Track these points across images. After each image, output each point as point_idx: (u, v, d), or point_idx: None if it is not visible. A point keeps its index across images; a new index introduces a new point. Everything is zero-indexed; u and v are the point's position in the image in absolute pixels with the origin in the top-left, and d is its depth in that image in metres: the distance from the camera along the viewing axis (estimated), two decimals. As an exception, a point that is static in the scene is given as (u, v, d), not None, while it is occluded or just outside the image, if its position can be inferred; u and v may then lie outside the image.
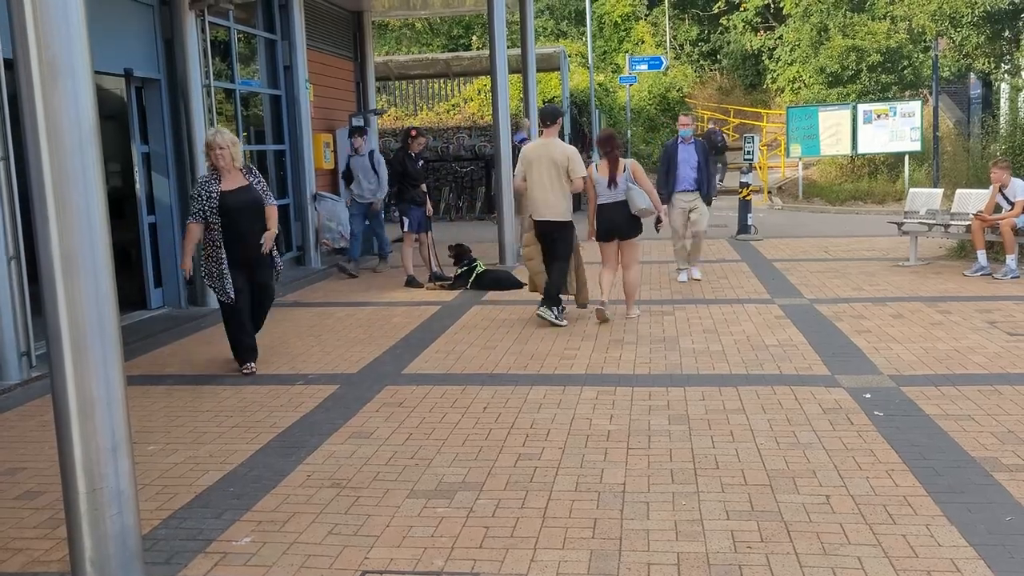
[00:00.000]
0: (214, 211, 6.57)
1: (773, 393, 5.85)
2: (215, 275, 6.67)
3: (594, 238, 8.47)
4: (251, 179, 6.77)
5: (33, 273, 3.47)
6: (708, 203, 10.56)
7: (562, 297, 8.29)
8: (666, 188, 10.34)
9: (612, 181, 8.12)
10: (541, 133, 8.32)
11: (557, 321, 8.11)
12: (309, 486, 4.51)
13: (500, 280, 10.40)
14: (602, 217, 8.29)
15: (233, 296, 6.64)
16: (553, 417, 5.49)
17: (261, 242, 6.70)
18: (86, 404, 3.24)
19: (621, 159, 8.20)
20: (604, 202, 8.23)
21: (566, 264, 8.30)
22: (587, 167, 8.31)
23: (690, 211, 10.47)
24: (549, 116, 8.29)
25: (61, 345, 3.22)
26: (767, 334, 7.57)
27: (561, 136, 8.88)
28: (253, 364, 6.89)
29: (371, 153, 11.96)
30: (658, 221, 8.50)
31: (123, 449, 3.34)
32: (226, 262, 6.61)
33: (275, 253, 6.92)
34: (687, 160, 10.34)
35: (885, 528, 3.80)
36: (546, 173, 8.06)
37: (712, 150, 16.96)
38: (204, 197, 6.57)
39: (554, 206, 8.12)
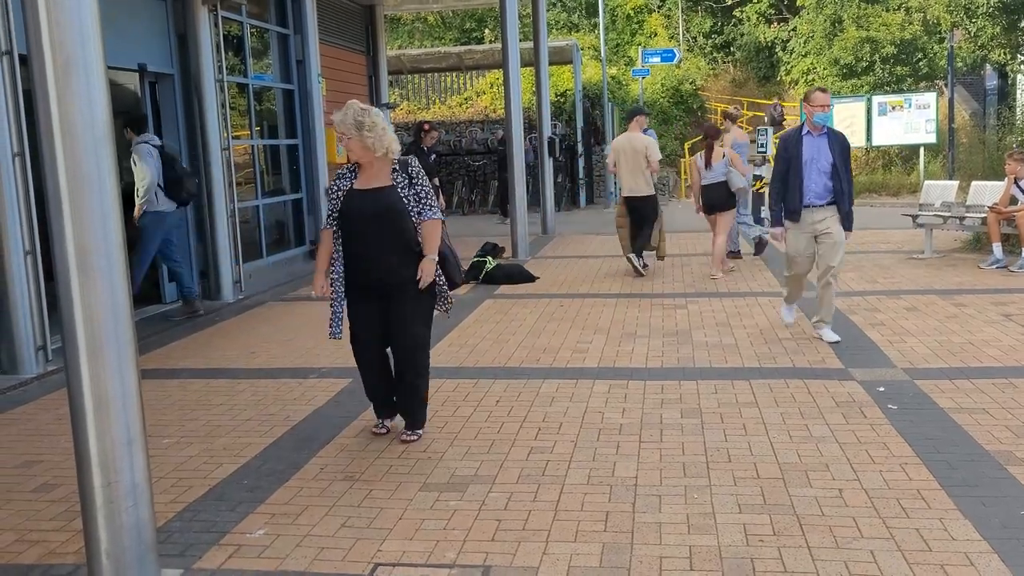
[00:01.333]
0: (334, 216, 4.98)
1: (786, 386, 5.84)
2: (335, 300, 5.06)
3: (701, 212, 10.55)
4: (398, 179, 4.91)
5: (49, 268, 3.50)
6: (848, 226, 6.91)
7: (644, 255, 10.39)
8: (786, 201, 6.92)
9: (708, 164, 10.12)
10: (626, 129, 10.69)
11: (639, 268, 10.16)
12: (322, 479, 4.53)
13: (512, 274, 10.40)
14: (704, 195, 10.29)
15: (337, 332, 5.03)
16: (565, 410, 5.50)
17: (398, 266, 4.89)
18: (101, 399, 3.27)
19: (717, 148, 10.15)
20: (705, 183, 10.23)
21: (651, 227, 10.36)
22: (609, 156, 10.47)
23: (820, 235, 6.93)
24: (630, 115, 10.98)
25: (76, 340, 3.24)
26: (780, 327, 7.54)
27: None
28: (387, 423, 5.23)
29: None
30: (759, 245, 10.09)
31: (138, 443, 3.37)
32: (344, 285, 5.02)
33: (441, 282, 5.10)
34: (817, 160, 6.83)
35: (898, 522, 3.79)
36: (631, 159, 10.19)
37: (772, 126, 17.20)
38: (332, 196, 4.96)
39: (638, 185, 10.25)
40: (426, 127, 10.87)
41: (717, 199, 10.18)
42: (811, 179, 6.81)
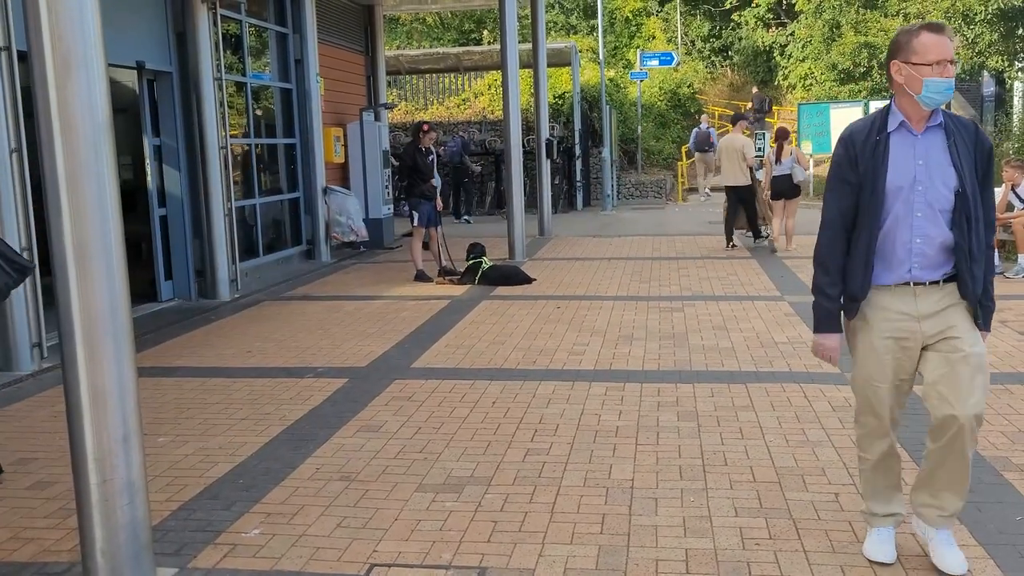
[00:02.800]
0: None
1: (782, 390, 5.84)
2: None
3: (770, 199, 12.61)
4: None
5: (45, 264, 3.49)
6: (987, 323, 3.46)
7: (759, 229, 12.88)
8: (848, 278, 3.44)
9: (778, 160, 12.27)
10: (729, 130, 13.47)
11: (760, 242, 12.74)
12: (318, 479, 4.52)
13: (509, 276, 10.40)
14: (774, 184, 12.41)
15: None
16: (562, 412, 5.49)
17: None
18: (98, 396, 3.26)
19: (786, 146, 12.23)
20: (775, 175, 12.33)
21: (753, 208, 12.93)
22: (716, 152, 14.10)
23: (931, 345, 3.38)
24: (733, 120, 13.80)
25: (73, 337, 3.24)
26: (777, 331, 7.55)
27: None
28: None
29: None
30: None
31: (134, 441, 3.36)
32: None
33: None
34: (923, 184, 3.24)
35: (894, 526, 3.79)
36: (732, 155, 12.66)
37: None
38: None
39: (736, 176, 12.73)
40: (425, 127, 10.84)
41: (783, 188, 12.41)
42: (908, 226, 3.28)
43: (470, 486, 4.37)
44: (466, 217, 18.71)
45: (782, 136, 12.43)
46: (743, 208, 12.97)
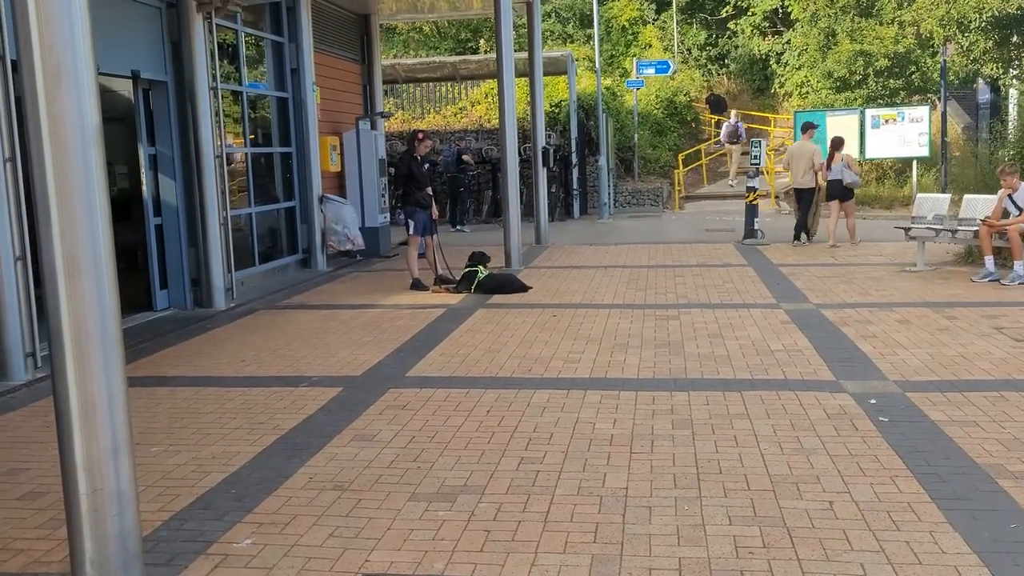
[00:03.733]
0: None
1: (777, 398, 5.83)
2: None
3: (825, 199, 14.03)
4: None
5: (39, 274, 3.47)
6: None
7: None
8: None
9: (829, 166, 13.67)
10: (802, 136, 14.65)
11: (797, 244, 14.07)
12: (311, 488, 4.50)
13: (505, 284, 10.39)
14: (828, 188, 13.78)
15: None
16: (556, 421, 5.48)
17: None
18: (87, 405, 3.25)
19: (837, 153, 13.62)
20: (829, 179, 13.72)
21: (808, 208, 14.26)
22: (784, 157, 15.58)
23: None
24: (804, 127, 14.64)
25: (63, 346, 3.22)
26: (772, 339, 7.54)
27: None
28: None
29: None
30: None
31: (124, 450, 3.34)
32: None
33: None
34: None
35: (889, 534, 3.78)
36: (802, 160, 14.09)
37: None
38: None
39: (805, 180, 14.09)
40: (420, 136, 10.85)
41: (835, 190, 13.75)
42: None
43: (463, 495, 4.35)
44: (460, 227, 18.71)
45: (836, 145, 13.77)
46: (802, 207, 14.41)
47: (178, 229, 9.80)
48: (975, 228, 10.45)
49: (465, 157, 19.38)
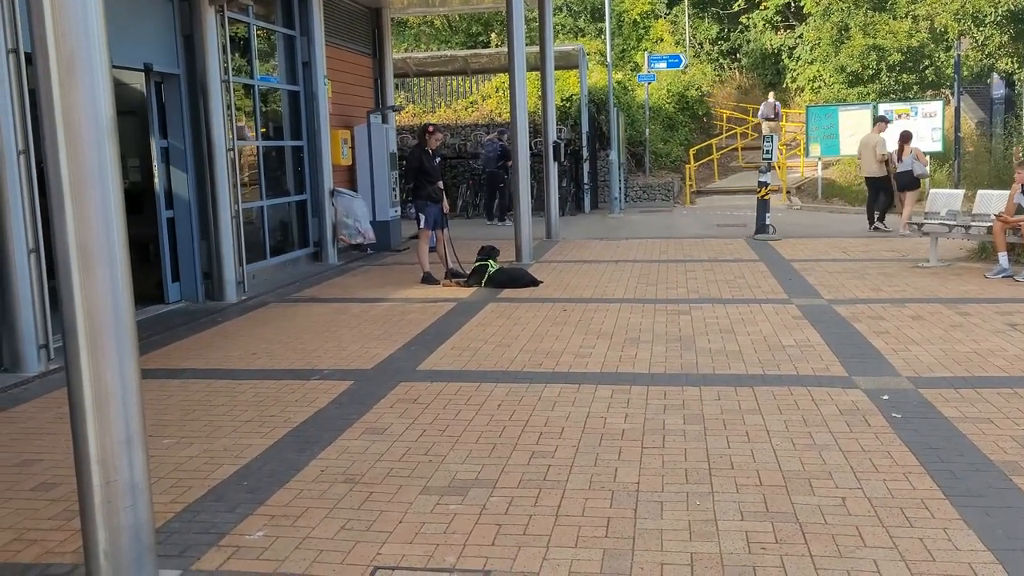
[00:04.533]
0: None
1: (789, 394, 5.81)
2: None
3: (897, 189, 14.95)
4: None
5: (52, 267, 3.48)
6: None
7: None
8: None
9: (900, 158, 14.49)
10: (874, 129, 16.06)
11: (878, 226, 15.12)
12: (322, 481, 4.51)
13: (515, 278, 10.38)
14: (898, 179, 14.64)
15: None
16: (567, 415, 5.47)
17: None
18: (101, 397, 3.25)
19: (907, 147, 14.41)
20: (899, 171, 14.53)
21: (887, 197, 15.35)
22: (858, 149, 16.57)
23: None
24: (875, 121, 16.67)
25: (77, 338, 3.23)
26: (784, 334, 7.51)
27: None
28: None
29: None
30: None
31: (137, 442, 3.35)
32: None
33: None
34: None
35: (902, 531, 3.76)
36: (868, 152, 15.42)
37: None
38: None
39: (873, 169, 15.34)
40: (431, 129, 10.84)
41: (905, 181, 14.50)
42: None
43: (475, 489, 4.35)
44: (501, 222, 18.41)
45: (905, 139, 14.68)
46: (881, 195, 15.52)
47: (190, 222, 9.82)
48: (989, 224, 10.38)
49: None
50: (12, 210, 6.72)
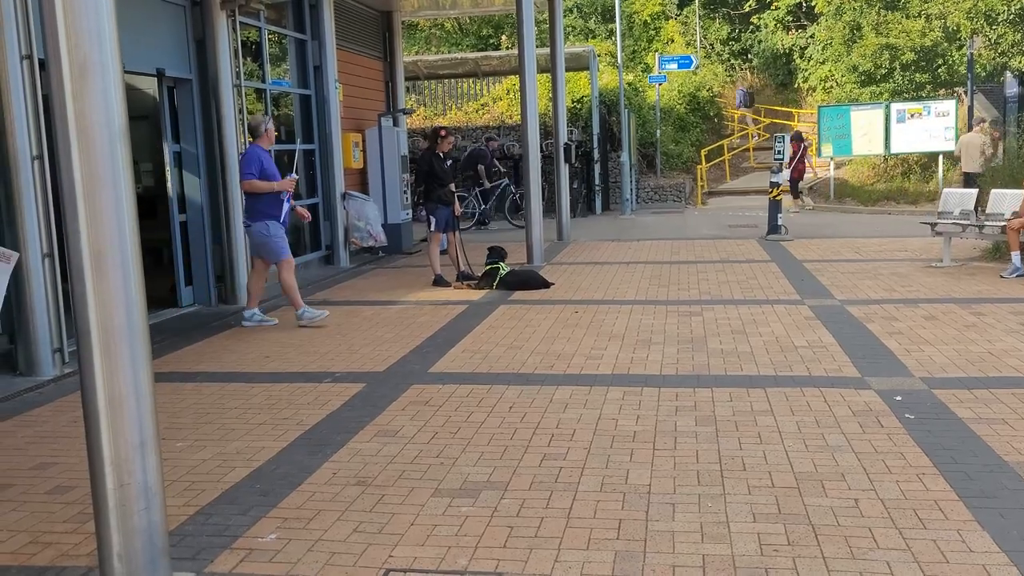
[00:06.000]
0: None
1: (802, 395, 5.79)
2: None
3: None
4: None
5: (66, 271, 3.51)
6: None
7: None
8: None
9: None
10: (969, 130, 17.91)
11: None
12: (335, 484, 4.52)
13: (527, 280, 10.38)
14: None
15: None
16: (579, 417, 5.47)
17: None
18: (114, 400, 3.27)
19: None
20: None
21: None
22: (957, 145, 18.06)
23: None
24: (975, 123, 17.89)
25: (90, 342, 3.25)
26: (796, 335, 7.49)
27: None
28: None
29: None
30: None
31: (151, 445, 3.37)
32: None
33: None
34: None
35: (915, 533, 3.75)
36: (970, 149, 17.01)
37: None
38: None
39: (973, 164, 16.87)
40: (443, 133, 10.86)
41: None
42: None
43: (486, 491, 4.35)
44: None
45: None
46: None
47: (203, 226, 9.87)
48: (1002, 223, 10.32)
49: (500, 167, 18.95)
50: (27, 215, 6.78)
